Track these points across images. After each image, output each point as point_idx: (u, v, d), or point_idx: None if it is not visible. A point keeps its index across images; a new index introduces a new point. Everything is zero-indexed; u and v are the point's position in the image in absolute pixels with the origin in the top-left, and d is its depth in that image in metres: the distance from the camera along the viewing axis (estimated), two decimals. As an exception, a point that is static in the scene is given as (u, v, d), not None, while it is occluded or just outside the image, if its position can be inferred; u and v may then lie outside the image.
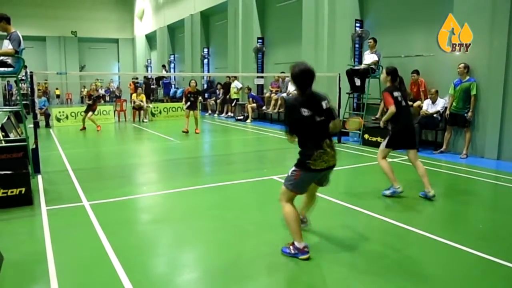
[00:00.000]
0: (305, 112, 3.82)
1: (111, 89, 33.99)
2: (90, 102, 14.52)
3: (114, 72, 36.97)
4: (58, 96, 32.33)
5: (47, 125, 15.85)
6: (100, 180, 7.39)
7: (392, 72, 6.18)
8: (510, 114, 8.64)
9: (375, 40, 11.27)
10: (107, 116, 17.42)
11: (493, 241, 4.54)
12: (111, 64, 36.17)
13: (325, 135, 3.95)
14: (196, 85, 13.54)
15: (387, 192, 6.11)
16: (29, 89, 8.38)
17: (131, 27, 35.83)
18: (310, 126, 3.86)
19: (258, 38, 17.99)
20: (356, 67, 11.74)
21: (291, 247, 4.00)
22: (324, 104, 3.93)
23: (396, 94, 5.96)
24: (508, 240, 4.57)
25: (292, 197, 4.02)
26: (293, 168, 3.95)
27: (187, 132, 13.18)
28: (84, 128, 14.58)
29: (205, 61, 23.35)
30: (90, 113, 14.47)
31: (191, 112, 13.25)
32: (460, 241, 4.35)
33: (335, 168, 4.13)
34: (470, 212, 5.84)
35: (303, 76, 3.88)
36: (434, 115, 9.77)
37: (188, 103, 13.20)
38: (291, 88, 15.28)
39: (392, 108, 5.91)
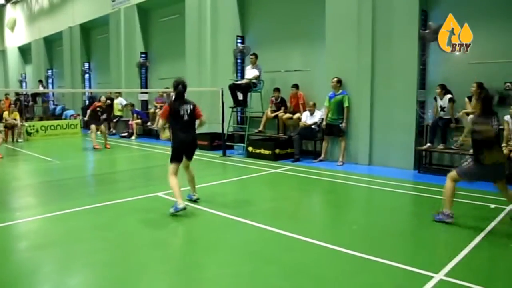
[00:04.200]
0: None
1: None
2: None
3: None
4: None
5: None
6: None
7: (177, 85, 6.04)
8: (377, 123, 9.47)
9: (256, 56, 11.66)
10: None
11: (365, 240, 4.90)
12: (-22, 78, 32.88)
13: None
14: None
15: (173, 209, 5.76)
16: None
17: (0, 38, 32.97)
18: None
19: (142, 53, 17.63)
20: (238, 82, 12.03)
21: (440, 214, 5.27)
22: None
23: (176, 108, 5.97)
24: (379, 238, 4.95)
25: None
26: None
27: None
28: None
29: (86, 76, 22.27)
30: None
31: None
32: (336, 243, 4.62)
33: (221, 181, 4.15)
34: (345, 215, 6.26)
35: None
36: (313, 126, 10.33)
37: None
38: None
39: (160, 122, 6.28)
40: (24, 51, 30.69)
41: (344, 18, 9.77)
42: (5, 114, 16.66)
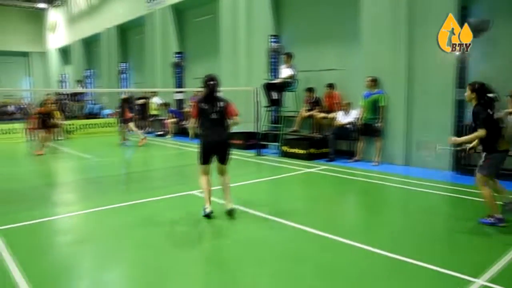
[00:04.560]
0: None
1: (22, 106, 32.00)
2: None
3: (25, 88, 34.83)
4: None
5: None
6: (9, 203, 6.83)
7: (207, 81, 5.70)
8: (414, 123, 9.29)
9: (288, 55, 11.61)
10: (17, 135, 16.41)
11: (402, 242, 4.82)
12: (20, 79, 34.05)
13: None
14: None
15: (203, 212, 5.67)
16: None
17: (43, 40, 34.06)
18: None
19: (177, 53, 17.89)
20: (272, 81, 12.03)
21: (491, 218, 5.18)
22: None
23: (204, 105, 5.62)
24: (416, 240, 4.88)
25: None
26: None
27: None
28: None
29: (123, 76, 22.76)
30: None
31: None
32: (371, 244, 4.58)
33: (255, 180, 4.16)
34: (381, 216, 6.17)
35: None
36: (347, 126, 10.24)
37: None
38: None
39: (191, 120, 5.81)
40: (65, 53, 31.64)
41: (380, 16, 9.62)
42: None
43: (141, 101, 18.59)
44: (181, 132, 17.19)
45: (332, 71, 11.44)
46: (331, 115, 10.85)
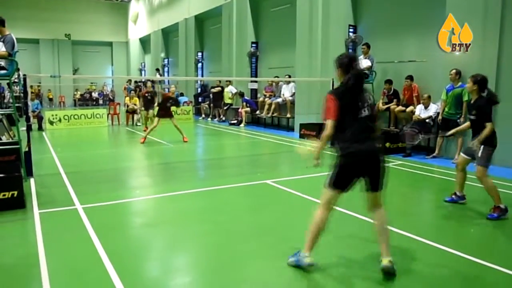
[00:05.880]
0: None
1: (105, 93, 33.97)
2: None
3: (108, 76, 36.84)
4: (51, 100, 31.96)
5: (40, 128, 15.77)
6: (93, 184, 7.36)
7: (350, 61, 3.68)
8: (500, 120, 8.70)
9: (368, 46, 11.34)
10: (100, 120, 17.40)
11: (484, 246, 4.59)
12: (104, 67, 36.05)
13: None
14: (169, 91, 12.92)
15: (293, 260, 3.87)
16: (22, 92, 8.34)
17: (125, 30, 35.78)
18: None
19: (252, 43, 18.03)
20: (349, 72, 11.77)
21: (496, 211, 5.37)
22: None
23: (349, 99, 3.61)
24: (500, 245, 4.62)
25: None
26: None
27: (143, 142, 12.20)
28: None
29: (199, 65, 23.35)
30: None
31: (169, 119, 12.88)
32: (450, 245, 4.41)
33: (327, 173, 4.09)
34: (461, 216, 5.88)
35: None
36: (427, 120, 9.84)
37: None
38: (286, 92, 15.31)
39: (329, 126, 3.63)
40: (144, 42, 33.07)
41: (468, 3, 9.07)
42: (127, 99, 18.12)
43: (216, 90, 18.99)
44: (254, 122, 17.41)
45: (412, 63, 11.02)
46: (409, 109, 10.47)
